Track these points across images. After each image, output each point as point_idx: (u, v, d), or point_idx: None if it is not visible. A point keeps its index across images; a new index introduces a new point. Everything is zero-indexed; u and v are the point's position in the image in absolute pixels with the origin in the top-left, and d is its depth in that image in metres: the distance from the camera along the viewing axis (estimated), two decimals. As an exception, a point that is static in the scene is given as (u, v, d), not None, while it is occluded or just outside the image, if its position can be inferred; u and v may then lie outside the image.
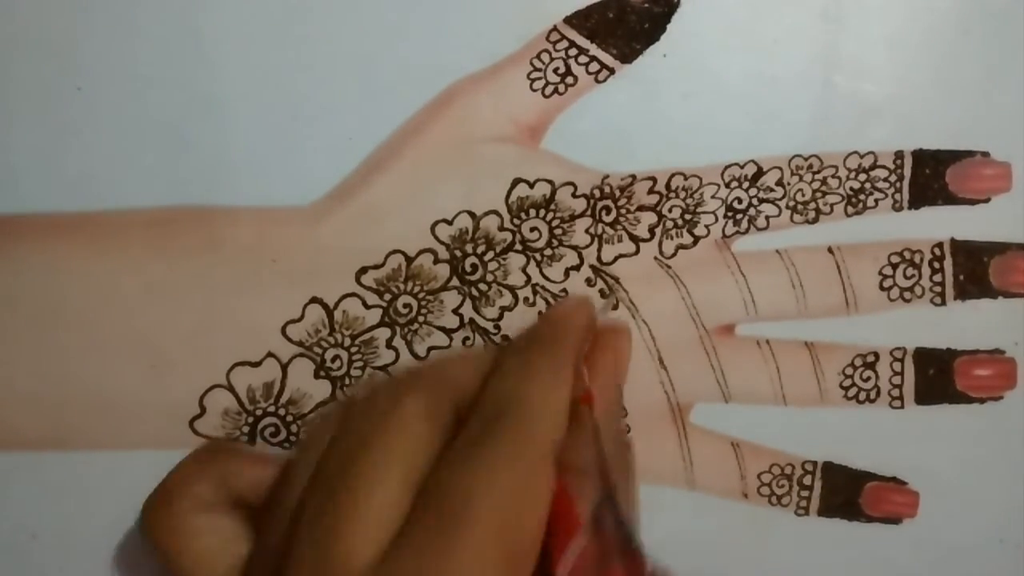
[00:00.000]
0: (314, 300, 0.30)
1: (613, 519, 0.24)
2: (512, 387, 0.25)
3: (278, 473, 0.27)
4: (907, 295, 0.31)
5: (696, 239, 0.31)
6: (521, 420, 0.24)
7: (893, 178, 0.31)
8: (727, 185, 0.31)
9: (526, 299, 0.31)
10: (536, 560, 0.23)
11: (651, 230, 0.31)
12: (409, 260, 0.30)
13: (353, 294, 0.30)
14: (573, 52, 0.30)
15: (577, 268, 0.31)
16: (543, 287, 0.31)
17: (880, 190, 0.31)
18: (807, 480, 0.32)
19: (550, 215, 0.31)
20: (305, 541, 0.23)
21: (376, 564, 0.22)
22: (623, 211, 0.31)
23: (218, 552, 0.27)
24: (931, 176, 0.31)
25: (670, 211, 0.31)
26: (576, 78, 0.30)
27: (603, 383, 0.26)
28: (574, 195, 0.31)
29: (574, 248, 0.31)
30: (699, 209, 0.31)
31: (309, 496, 0.24)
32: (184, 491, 0.27)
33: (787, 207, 0.31)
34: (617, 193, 0.31)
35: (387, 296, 0.30)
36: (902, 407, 0.32)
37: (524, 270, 0.31)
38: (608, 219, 0.31)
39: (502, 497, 0.23)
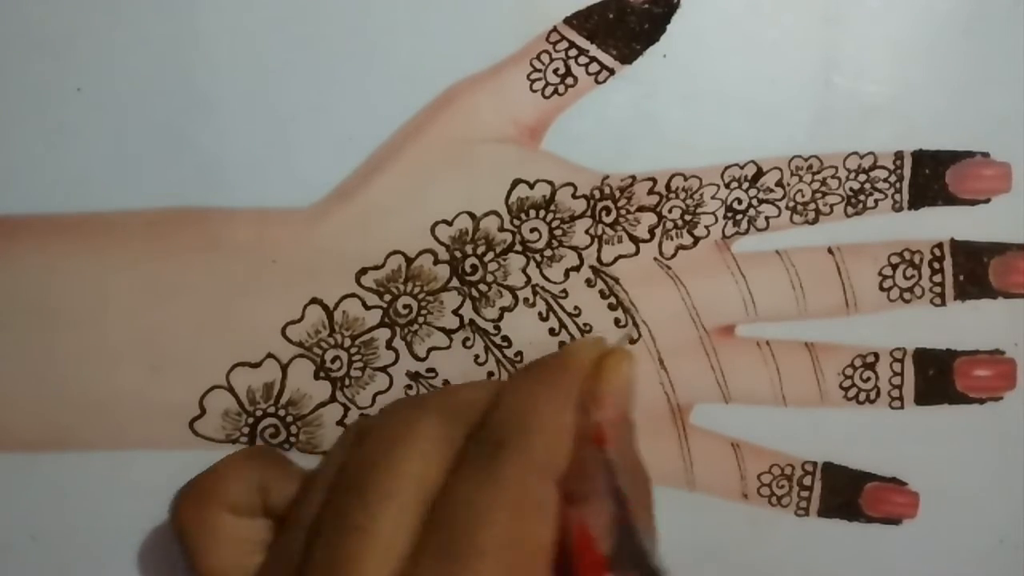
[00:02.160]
0: (314, 301, 0.30)
1: (635, 555, 0.24)
2: (513, 411, 0.25)
3: (298, 489, 0.27)
4: (907, 295, 0.32)
5: (696, 240, 0.31)
6: (521, 443, 0.24)
7: (893, 179, 0.31)
8: (727, 186, 0.31)
9: (526, 300, 0.31)
10: None
11: (651, 231, 0.31)
12: (409, 261, 0.30)
13: (353, 295, 0.30)
14: (573, 53, 0.30)
15: (577, 269, 0.31)
16: (543, 288, 0.31)
17: (880, 191, 0.31)
18: (807, 481, 0.32)
19: (550, 216, 0.31)
20: (318, 562, 0.24)
21: None
22: (623, 212, 0.31)
23: (242, 556, 0.27)
24: (931, 177, 0.31)
25: (670, 212, 0.31)
26: (576, 79, 0.30)
27: (614, 414, 0.26)
28: (574, 196, 0.31)
29: (574, 249, 0.31)
30: (699, 210, 0.31)
31: (323, 516, 0.25)
32: (221, 490, 0.27)
33: (787, 208, 0.31)
34: (617, 194, 0.31)
35: (387, 297, 0.30)
36: (902, 407, 0.32)
37: (524, 271, 0.31)
38: (608, 220, 0.31)
39: (507, 522, 0.23)
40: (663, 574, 0.24)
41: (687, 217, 0.31)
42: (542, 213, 0.31)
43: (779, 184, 0.31)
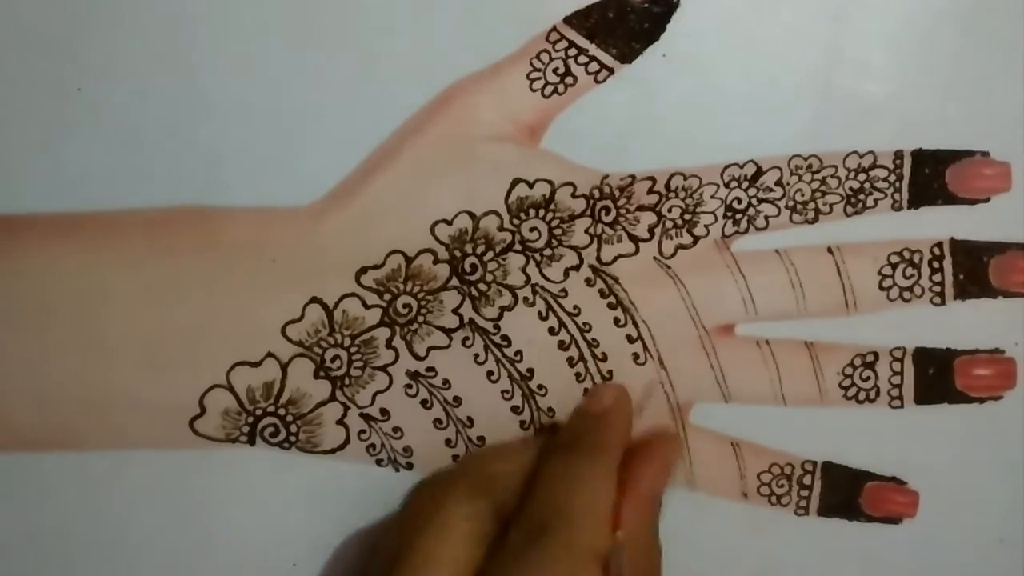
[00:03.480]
0: (314, 300, 0.30)
1: None
2: (556, 496, 0.26)
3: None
4: (907, 295, 0.31)
5: (695, 239, 0.31)
6: (565, 528, 0.25)
7: (893, 178, 0.31)
8: (726, 185, 0.31)
9: (525, 299, 0.31)
10: None
11: (650, 230, 0.31)
12: (409, 260, 0.30)
13: (353, 294, 0.30)
14: (573, 52, 0.30)
15: (576, 268, 0.31)
16: (542, 287, 0.31)
17: (880, 190, 0.31)
18: (807, 480, 0.32)
19: (549, 215, 0.31)
20: None
21: None
22: (622, 211, 0.31)
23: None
24: (931, 176, 0.31)
25: (669, 211, 0.31)
26: (576, 78, 0.30)
27: (641, 496, 0.27)
28: (573, 195, 0.31)
29: (573, 248, 0.31)
30: (698, 209, 0.31)
31: None
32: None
33: (786, 207, 0.31)
34: (616, 193, 0.31)
35: (387, 296, 0.30)
36: (902, 407, 0.32)
37: (523, 270, 0.31)
38: (607, 219, 0.31)
39: None
40: None
41: (687, 216, 0.31)
42: (542, 212, 0.31)
43: (779, 183, 0.31)
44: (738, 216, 0.31)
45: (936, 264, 0.31)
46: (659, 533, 0.29)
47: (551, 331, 0.31)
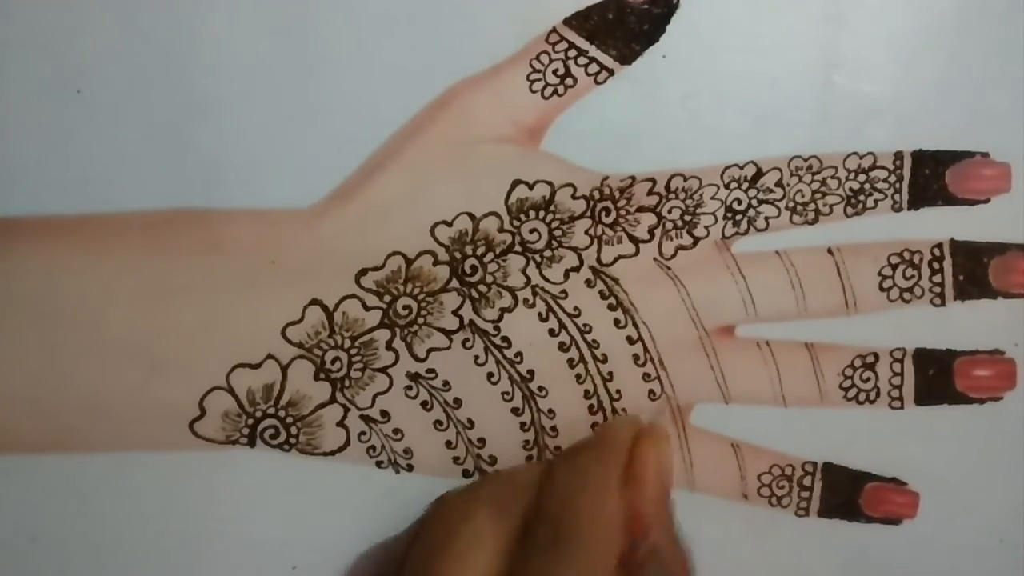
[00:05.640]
0: (314, 302, 0.30)
1: None
2: (564, 498, 0.26)
3: None
4: (907, 295, 0.31)
5: (696, 240, 0.31)
6: (575, 533, 0.25)
7: (893, 179, 0.31)
8: (727, 186, 0.31)
9: (526, 300, 0.31)
10: None
11: (651, 231, 0.31)
12: (409, 262, 0.30)
13: (353, 296, 0.30)
14: (572, 53, 0.30)
15: (577, 269, 0.31)
16: (543, 288, 0.31)
17: (880, 191, 0.31)
18: (807, 481, 0.32)
19: (549, 216, 0.31)
20: None
21: None
22: (623, 212, 0.31)
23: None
24: (930, 177, 0.31)
25: (670, 212, 0.31)
26: (575, 79, 0.30)
27: (653, 497, 0.27)
28: (573, 196, 0.31)
29: (574, 249, 0.31)
30: (699, 210, 0.31)
31: None
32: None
33: (787, 208, 0.31)
34: (617, 194, 0.31)
35: (387, 298, 0.30)
36: (902, 408, 0.32)
37: (524, 271, 0.31)
38: (608, 220, 0.31)
39: None
40: None
41: (687, 217, 0.31)
42: (542, 214, 0.31)
43: (779, 184, 0.31)
44: (738, 217, 0.31)
45: (936, 265, 0.31)
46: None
47: (551, 332, 0.31)
